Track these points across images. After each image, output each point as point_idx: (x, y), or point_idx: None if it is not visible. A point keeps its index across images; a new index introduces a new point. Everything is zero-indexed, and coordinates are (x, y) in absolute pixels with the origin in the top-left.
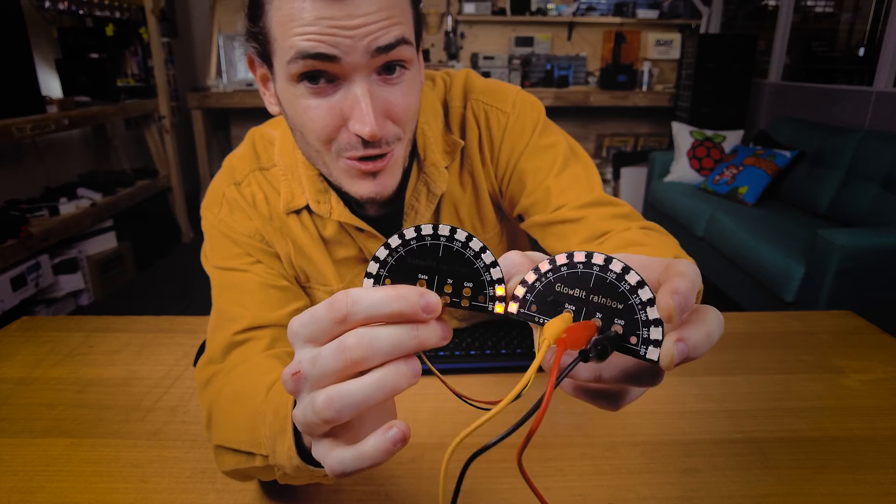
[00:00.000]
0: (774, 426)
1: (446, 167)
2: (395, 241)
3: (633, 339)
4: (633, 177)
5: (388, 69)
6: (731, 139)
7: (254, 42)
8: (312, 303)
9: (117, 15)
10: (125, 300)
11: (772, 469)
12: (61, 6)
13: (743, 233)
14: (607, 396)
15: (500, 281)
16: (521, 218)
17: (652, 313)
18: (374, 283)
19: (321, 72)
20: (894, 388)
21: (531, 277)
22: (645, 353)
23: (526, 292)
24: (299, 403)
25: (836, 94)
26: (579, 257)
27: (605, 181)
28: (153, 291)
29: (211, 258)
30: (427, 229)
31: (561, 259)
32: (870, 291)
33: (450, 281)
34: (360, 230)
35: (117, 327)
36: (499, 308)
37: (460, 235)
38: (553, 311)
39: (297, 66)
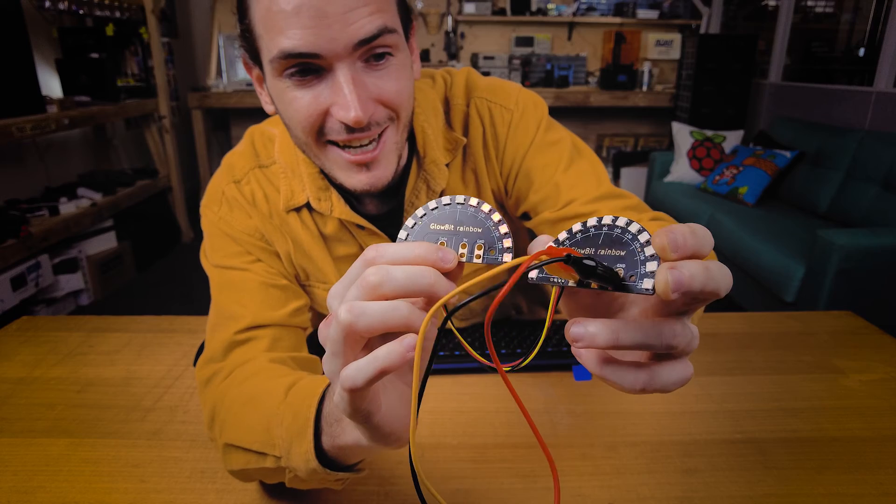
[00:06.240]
0: (774, 426)
1: (447, 164)
2: (420, 211)
3: (633, 278)
4: (633, 177)
5: (375, 57)
6: (731, 139)
7: (243, 41)
8: (312, 301)
9: (117, 15)
10: (125, 300)
11: (772, 469)
12: (61, 6)
13: (743, 233)
14: (634, 372)
15: (507, 235)
16: (526, 216)
17: (648, 251)
18: None
19: (307, 65)
20: (894, 388)
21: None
22: (641, 285)
23: None
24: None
25: (836, 95)
26: (592, 222)
27: None
28: (153, 291)
29: (210, 256)
30: (446, 199)
31: (576, 227)
32: (870, 291)
33: (465, 240)
34: (361, 227)
35: (117, 327)
36: (507, 257)
37: (472, 202)
38: None
39: (281, 64)
